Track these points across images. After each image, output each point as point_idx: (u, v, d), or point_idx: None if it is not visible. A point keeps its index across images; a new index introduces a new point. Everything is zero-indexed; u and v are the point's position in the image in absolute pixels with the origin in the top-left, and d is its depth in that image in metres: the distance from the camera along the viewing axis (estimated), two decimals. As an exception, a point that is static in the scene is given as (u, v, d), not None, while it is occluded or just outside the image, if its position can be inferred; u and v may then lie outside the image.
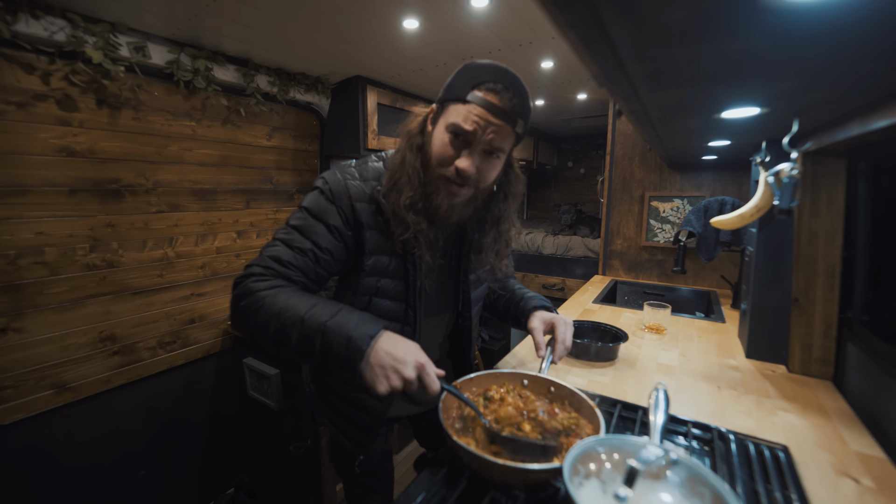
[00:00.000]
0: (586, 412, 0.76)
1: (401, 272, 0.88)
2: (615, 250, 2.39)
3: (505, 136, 0.77)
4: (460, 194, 0.82)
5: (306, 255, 0.80)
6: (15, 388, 1.34)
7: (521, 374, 0.87)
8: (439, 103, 0.82)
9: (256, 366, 1.80)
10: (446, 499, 0.66)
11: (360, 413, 0.95)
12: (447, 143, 0.79)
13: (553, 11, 0.39)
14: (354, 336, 0.69)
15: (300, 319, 0.71)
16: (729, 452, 0.77)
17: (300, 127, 2.17)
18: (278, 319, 0.72)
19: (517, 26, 1.43)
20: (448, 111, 0.78)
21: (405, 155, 0.83)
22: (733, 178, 2.05)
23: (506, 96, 0.75)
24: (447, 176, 0.80)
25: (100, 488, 1.57)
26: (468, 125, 0.75)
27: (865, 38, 0.43)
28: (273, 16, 1.35)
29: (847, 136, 0.79)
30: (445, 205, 0.83)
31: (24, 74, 1.28)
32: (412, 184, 0.81)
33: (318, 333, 0.70)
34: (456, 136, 0.78)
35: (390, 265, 0.87)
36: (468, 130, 0.76)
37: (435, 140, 0.81)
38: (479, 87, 0.75)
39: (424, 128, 0.86)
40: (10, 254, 1.31)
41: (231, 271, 1.96)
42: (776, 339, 1.21)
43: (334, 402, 1.00)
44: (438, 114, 0.82)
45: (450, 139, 0.78)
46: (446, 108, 0.79)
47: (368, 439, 0.97)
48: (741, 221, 1.17)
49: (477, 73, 0.76)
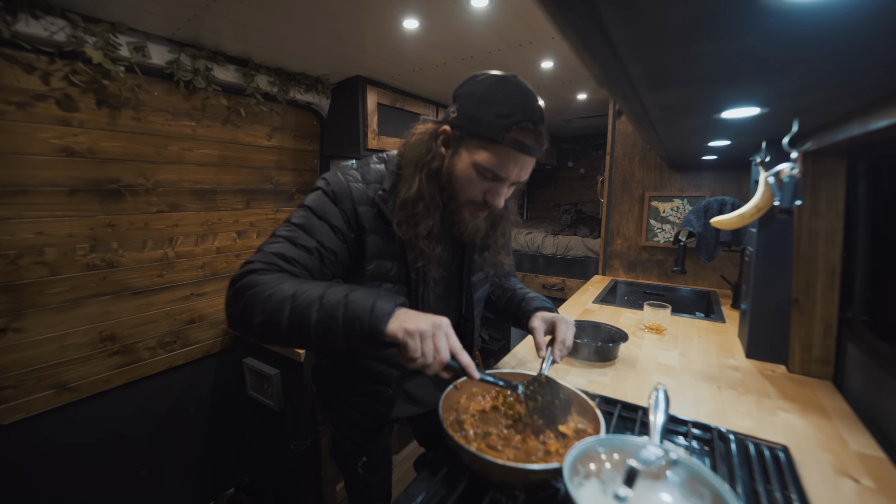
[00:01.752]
0: (586, 412, 0.76)
1: (403, 277, 0.87)
2: (615, 250, 2.39)
3: (530, 168, 0.79)
4: (483, 217, 0.84)
5: (311, 254, 0.77)
6: (15, 388, 1.34)
7: (522, 374, 0.87)
8: (459, 130, 0.77)
9: (256, 366, 1.80)
10: (446, 499, 0.66)
11: (363, 416, 0.95)
12: (475, 180, 0.77)
13: (553, 11, 0.39)
14: (377, 304, 0.67)
15: (318, 297, 0.68)
16: (729, 452, 0.77)
17: (300, 127, 2.17)
18: (294, 301, 0.68)
19: (517, 26, 1.43)
20: (475, 147, 0.75)
21: (421, 186, 0.79)
22: (733, 178, 2.05)
23: (537, 133, 0.73)
24: (474, 203, 0.81)
25: (100, 488, 1.57)
26: (503, 172, 0.75)
27: (865, 38, 0.43)
28: (273, 16, 1.35)
29: (847, 136, 0.79)
30: (471, 227, 0.83)
31: (24, 74, 1.28)
32: (431, 214, 0.80)
33: (340, 306, 0.67)
34: (485, 174, 0.76)
35: (392, 270, 0.85)
36: (502, 172, 0.75)
37: (460, 174, 0.78)
38: (512, 128, 0.72)
39: (436, 150, 0.81)
40: (10, 254, 1.31)
41: (231, 271, 1.96)
42: (776, 339, 1.21)
43: (336, 405, 0.99)
44: (459, 141, 0.78)
45: (477, 177, 0.77)
46: (471, 141, 0.75)
47: (371, 441, 0.97)
48: (741, 221, 1.17)
49: (507, 110, 0.71)
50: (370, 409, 0.94)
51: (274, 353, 1.73)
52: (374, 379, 0.93)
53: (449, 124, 0.79)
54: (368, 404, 0.94)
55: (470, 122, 0.74)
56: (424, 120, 0.88)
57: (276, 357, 1.73)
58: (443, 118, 0.82)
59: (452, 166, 0.79)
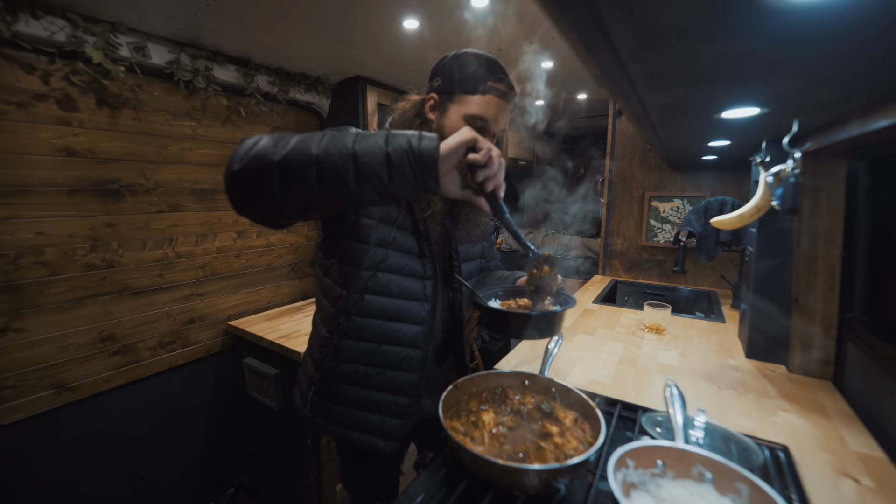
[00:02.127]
0: (586, 412, 0.76)
1: (410, 227, 0.92)
2: (615, 250, 2.39)
3: (508, 117, 0.90)
4: None
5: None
6: (15, 388, 1.34)
7: (522, 374, 0.87)
8: (446, 92, 0.88)
9: (256, 366, 1.80)
10: (446, 499, 0.66)
11: (382, 416, 0.94)
12: None
13: (553, 12, 0.39)
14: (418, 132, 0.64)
15: (354, 137, 0.63)
16: (729, 452, 0.77)
17: (300, 127, 2.17)
18: (322, 140, 0.62)
19: (517, 26, 1.43)
20: (461, 102, 0.86)
21: None
22: (733, 178, 2.06)
23: (508, 83, 0.87)
24: None
25: (100, 488, 1.57)
26: (489, 114, 0.85)
27: (865, 38, 0.43)
28: (273, 16, 1.35)
29: (847, 136, 0.79)
30: None
31: (24, 74, 1.28)
32: None
33: (382, 138, 0.62)
34: (473, 123, 0.85)
35: (398, 217, 0.91)
36: (488, 118, 0.85)
37: (451, 129, 0.86)
38: (490, 80, 0.85)
39: (425, 117, 0.91)
40: (10, 254, 1.31)
41: (231, 271, 1.96)
42: (776, 339, 1.21)
43: (348, 413, 0.95)
44: (445, 103, 0.88)
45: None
46: (457, 98, 0.86)
47: (400, 431, 0.95)
48: (741, 221, 1.17)
49: (482, 69, 0.85)
50: (387, 404, 0.94)
51: (274, 353, 1.73)
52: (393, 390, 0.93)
53: (435, 91, 0.90)
54: (385, 397, 0.94)
55: (455, 83, 0.87)
56: (406, 97, 0.96)
57: (276, 357, 1.73)
58: (427, 90, 0.93)
59: (443, 125, 0.88)
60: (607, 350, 1.32)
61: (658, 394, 1.02)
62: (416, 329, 0.93)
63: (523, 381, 0.86)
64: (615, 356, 1.27)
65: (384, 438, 0.94)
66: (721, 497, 0.54)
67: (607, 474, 0.52)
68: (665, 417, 0.85)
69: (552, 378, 0.84)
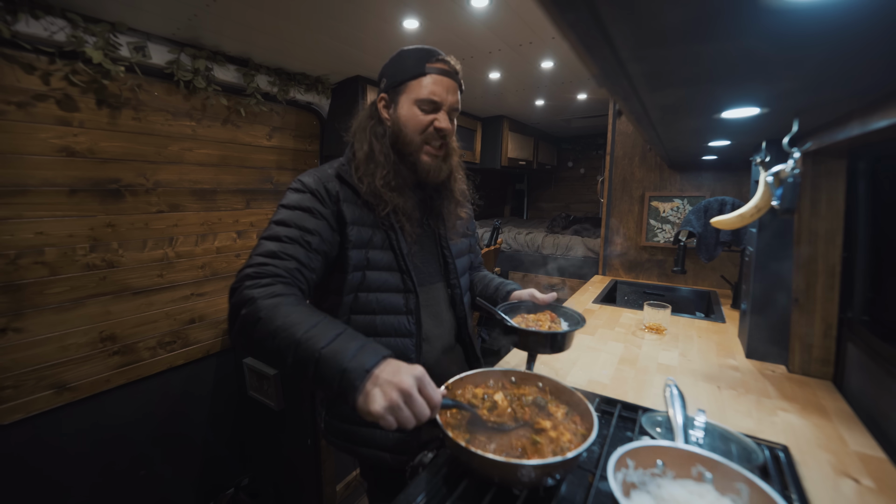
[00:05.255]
0: (578, 406, 0.75)
1: (386, 243, 0.94)
2: (615, 250, 2.39)
3: (458, 94, 0.94)
4: (440, 154, 0.95)
5: (296, 243, 0.82)
6: (15, 388, 1.34)
7: (510, 371, 0.87)
8: (391, 90, 0.93)
9: (256, 366, 1.80)
10: (446, 499, 0.66)
11: (384, 430, 0.93)
12: (418, 115, 0.91)
13: (553, 11, 0.39)
14: (349, 368, 0.63)
15: (296, 343, 0.67)
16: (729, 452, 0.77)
17: (300, 127, 2.17)
18: (275, 339, 0.68)
19: (517, 26, 1.43)
20: (408, 90, 0.91)
21: (371, 143, 0.94)
22: (733, 178, 2.05)
23: (447, 62, 0.91)
24: (426, 139, 0.92)
25: (100, 488, 1.57)
26: (435, 93, 0.89)
27: (865, 38, 0.43)
28: (273, 16, 1.35)
29: (847, 136, 0.79)
30: (433, 166, 0.95)
31: (24, 74, 1.28)
32: (385, 165, 0.92)
33: (313, 362, 0.65)
34: (424, 105, 0.90)
35: (374, 236, 0.92)
36: (436, 96, 0.89)
37: (404, 117, 0.91)
38: (429, 61, 0.90)
39: (379, 117, 0.96)
40: (10, 254, 1.31)
41: (231, 271, 1.96)
42: (776, 339, 1.21)
43: (355, 430, 0.97)
44: (394, 97, 0.93)
45: (419, 111, 0.91)
46: (404, 88, 0.91)
47: (406, 444, 0.95)
48: (741, 221, 1.16)
49: (420, 55, 0.90)
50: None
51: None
52: None
53: (384, 91, 0.95)
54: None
55: (398, 75, 0.92)
56: (361, 109, 1.04)
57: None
58: (378, 94, 0.98)
59: (397, 117, 0.93)
60: (607, 350, 1.32)
61: (658, 394, 1.02)
62: (405, 341, 0.95)
63: (511, 378, 0.86)
64: (615, 356, 1.27)
65: (391, 452, 0.95)
66: (721, 497, 0.54)
67: (607, 474, 0.52)
68: (665, 417, 0.85)
69: (540, 374, 0.84)
